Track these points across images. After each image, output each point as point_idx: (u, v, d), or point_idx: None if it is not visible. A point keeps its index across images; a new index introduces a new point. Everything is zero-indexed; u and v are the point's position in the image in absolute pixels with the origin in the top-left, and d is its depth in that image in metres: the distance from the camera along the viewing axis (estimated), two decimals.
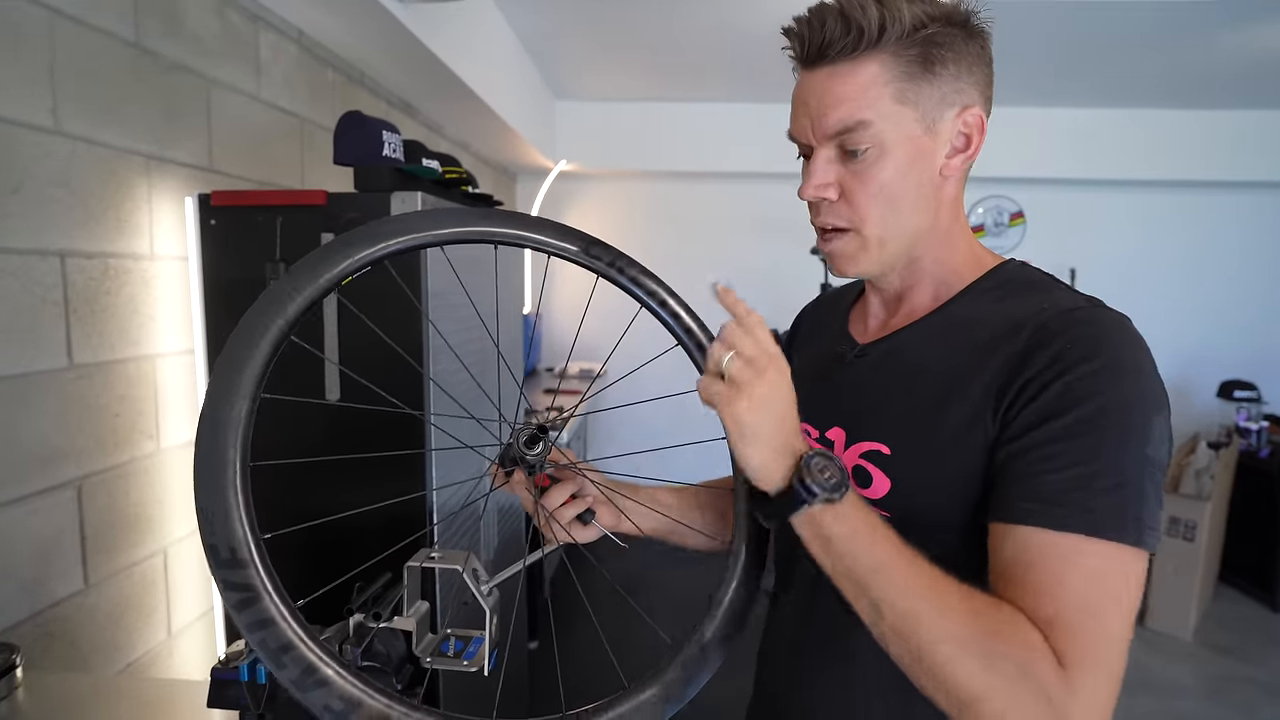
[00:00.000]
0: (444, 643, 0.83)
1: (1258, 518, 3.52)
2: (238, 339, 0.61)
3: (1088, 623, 0.54)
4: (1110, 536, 0.56)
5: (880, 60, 0.64)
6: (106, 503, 1.30)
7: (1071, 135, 4.01)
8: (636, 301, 0.75)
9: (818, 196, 0.69)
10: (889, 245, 0.70)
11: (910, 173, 0.67)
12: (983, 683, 0.53)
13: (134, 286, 1.36)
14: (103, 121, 1.28)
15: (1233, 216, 4.31)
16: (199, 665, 1.55)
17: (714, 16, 2.72)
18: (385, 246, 0.66)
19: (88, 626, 1.27)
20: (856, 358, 0.76)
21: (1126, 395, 0.58)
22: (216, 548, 0.56)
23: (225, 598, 0.56)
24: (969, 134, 0.68)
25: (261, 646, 0.56)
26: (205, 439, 0.58)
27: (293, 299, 0.62)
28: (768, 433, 0.58)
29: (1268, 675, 2.94)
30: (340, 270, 0.64)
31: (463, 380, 1.49)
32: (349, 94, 2.23)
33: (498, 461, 0.77)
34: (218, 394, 0.59)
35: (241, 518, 0.57)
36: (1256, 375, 4.10)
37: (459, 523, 1.56)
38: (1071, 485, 0.57)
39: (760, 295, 4.95)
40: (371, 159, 1.39)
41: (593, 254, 0.72)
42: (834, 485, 0.58)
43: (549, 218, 0.75)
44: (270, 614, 0.56)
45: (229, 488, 0.57)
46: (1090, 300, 0.65)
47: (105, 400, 1.30)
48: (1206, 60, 3.10)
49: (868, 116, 0.64)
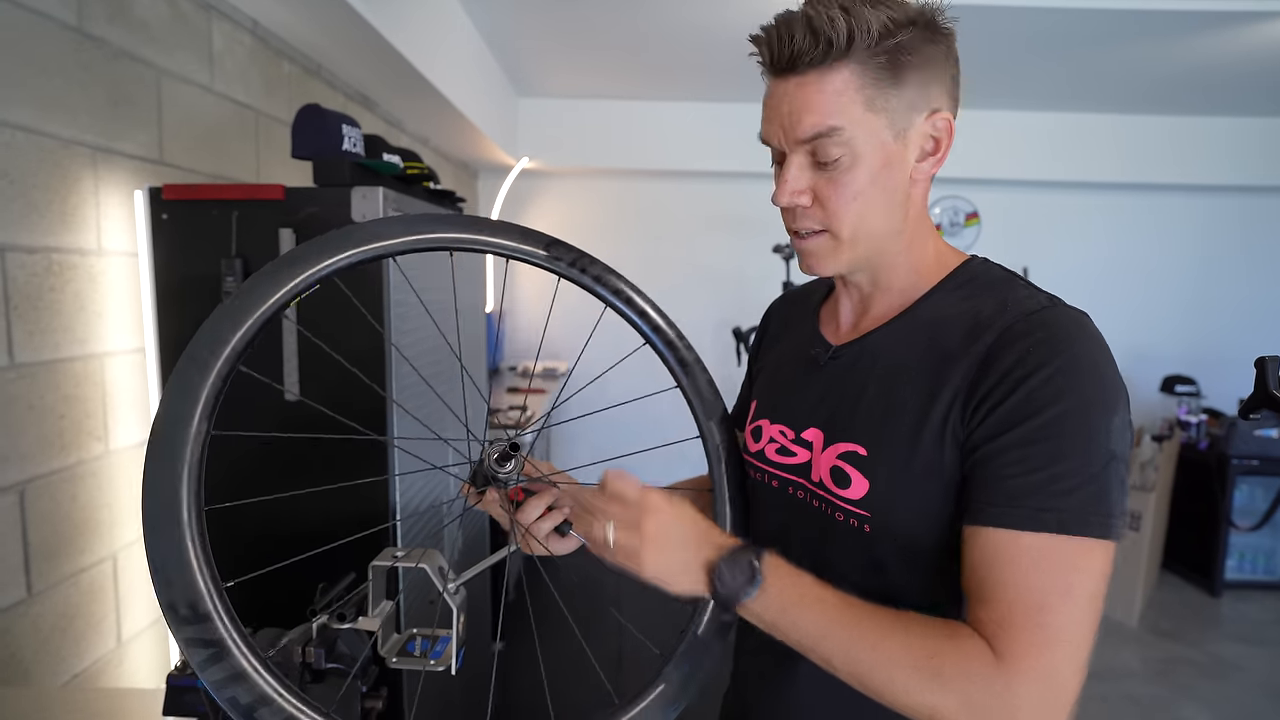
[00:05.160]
0: (410, 642, 0.82)
1: (1197, 507, 3.67)
2: (184, 370, 0.58)
3: (1033, 617, 0.57)
4: (1071, 532, 0.58)
5: (849, 69, 0.64)
6: (51, 507, 1.25)
7: (1025, 138, 4.13)
8: (601, 301, 0.75)
9: (792, 203, 0.70)
10: (860, 246, 0.71)
11: (881, 178, 0.68)
12: (933, 699, 0.58)
13: (80, 283, 1.31)
14: (45, 110, 1.22)
15: (1173, 218, 4.49)
16: (151, 673, 1.50)
17: (676, 16, 2.73)
18: (335, 261, 0.64)
19: (30, 637, 1.22)
20: (831, 359, 0.77)
21: (1087, 396, 0.60)
22: (175, 604, 0.53)
23: (190, 655, 0.53)
24: (938, 138, 0.69)
25: (233, 705, 0.53)
26: (154, 481, 0.54)
27: (240, 324, 0.60)
28: (678, 563, 0.66)
29: (1205, 657, 3.08)
30: (291, 288, 0.62)
31: (427, 391, 1.47)
32: (305, 86, 2.18)
33: (469, 481, 0.76)
34: (165, 431, 0.55)
35: (201, 567, 0.53)
36: (1196, 370, 4.28)
37: (423, 521, 1.54)
38: (1035, 487, 0.59)
39: (723, 292, 4.96)
40: (331, 153, 1.36)
41: (554, 254, 0.71)
42: (745, 582, 0.64)
43: (506, 220, 0.74)
44: (241, 668, 0.53)
45: (184, 537, 0.53)
46: (1050, 299, 0.67)
47: (50, 401, 1.24)
48: (1154, 67, 3.22)
49: (839, 124, 0.65)
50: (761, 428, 0.82)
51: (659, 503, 0.67)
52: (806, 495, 0.75)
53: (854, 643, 0.61)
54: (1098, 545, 0.58)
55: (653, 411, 1.12)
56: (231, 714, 0.53)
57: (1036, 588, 0.58)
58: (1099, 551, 0.59)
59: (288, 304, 0.62)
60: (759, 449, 0.81)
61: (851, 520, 0.70)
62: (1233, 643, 3.20)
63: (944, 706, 0.57)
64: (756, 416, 0.84)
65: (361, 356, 1.33)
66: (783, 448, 0.78)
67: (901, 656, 0.59)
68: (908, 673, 0.59)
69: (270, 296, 0.61)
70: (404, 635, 0.84)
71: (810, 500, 0.75)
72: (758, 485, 0.82)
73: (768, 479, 0.80)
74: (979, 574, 0.61)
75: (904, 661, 0.59)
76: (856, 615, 0.62)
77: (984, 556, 0.60)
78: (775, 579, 0.64)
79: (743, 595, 0.63)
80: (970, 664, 0.58)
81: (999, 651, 0.57)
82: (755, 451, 0.82)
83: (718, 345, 4.07)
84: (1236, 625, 3.39)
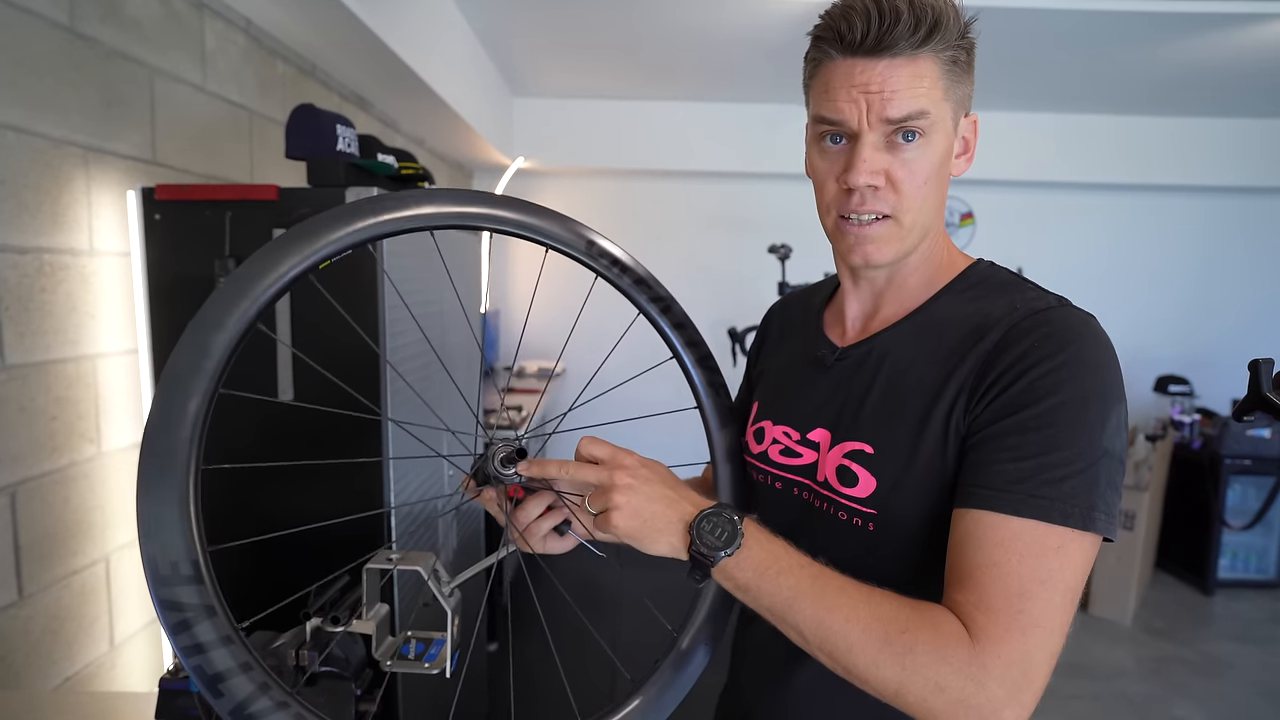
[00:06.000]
0: (404, 645, 0.81)
1: (1191, 506, 3.69)
2: (200, 325, 0.56)
3: (1019, 604, 0.57)
4: (1055, 521, 0.58)
5: (937, 56, 0.66)
6: (43, 510, 1.24)
7: (1020, 138, 4.14)
8: (636, 309, 0.73)
9: (871, 183, 0.68)
10: (914, 235, 0.71)
11: (943, 168, 0.70)
12: (899, 676, 0.57)
13: (72, 283, 1.30)
14: (36, 110, 1.22)
15: (1168, 219, 4.50)
16: (144, 677, 1.49)
17: (671, 16, 2.73)
18: (386, 222, 0.61)
19: (21, 641, 1.21)
20: (838, 360, 0.77)
21: (1086, 390, 0.61)
22: (157, 561, 0.51)
23: (162, 617, 0.50)
24: (969, 138, 0.72)
25: (199, 673, 0.50)
26: (156, 435, 0.52)
27: (263, 284, 0.57)
28: (657, 520, 0.64)
29: (1198, 655, 3.09)
30: (333, 242, 0.59)
31: (428, 385, 1.46)
32: (300, 86, 2.17)
33: (470, 474, 0.75)
34: (172, 389, 0.54)
35: (191, 527, 0.51)
36: (1189, 370, 4.30)
37: (418, 523, 1.53)
38: (1025, 474, 0.60)
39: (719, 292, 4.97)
40: (325, 153, 1.36)
41: (593, 254, 0.69)
42: (726, 540, 0.62)
43: (552, 209, 0.72)
44: (211, 637, 0.50)
45: (177, 490, 0.52)
46: (1059, 299, 0.68)
47: (41, 402, 1.24)
48: (1154, 68, 3.23)
49: (929, 107, 0.66)
50: (764, 429, 0.82)
51: (633, 460, 0.67)
52: (811, 496, 0.75)
53: (827, 611, 0.60)
54: (1081, 537, 0.59)
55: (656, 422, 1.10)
56: (199, 684, 0.51)
57: (1016, 573, 0.58)
58: (1082, 543, 0.59)
59: (324, 262, 0.59)
60: (761, 450, 0.81)
61: (855, 519, 0.70)
62: (1225, 641, 3.21)
63: (912, 685, 0.57)
64: (759, 418, 0.84)
65: (356, 355, 1.32)
66: (787, 449, 0.78)
67: (874, 628, 0.58)
68: (878, 646, 0.58)
69: (304, 253, 0.58)
70: (399, 638, 0.83)
71: (814, 501, 0.75)
72: (760, 487, 0.82)
73: (771, 480, 0.80)
74: (961, 555, 0.61)
75: (875, 633, 0.58)
76: (833, 585, 0.61)
77: (967, 538, 0.61)
78: (754, 540, 0.64)
79: (721, 554, 0.62)
80: (945, 644, 0.57)
81: (974, 633, 0.57)
82: (758, 453, 0.82)
83: (713, 345, 4.06)
84: (1229, 624, 3.40)
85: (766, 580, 0.62)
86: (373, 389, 1.32)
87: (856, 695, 0.61)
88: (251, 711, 0.51)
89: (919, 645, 0.57)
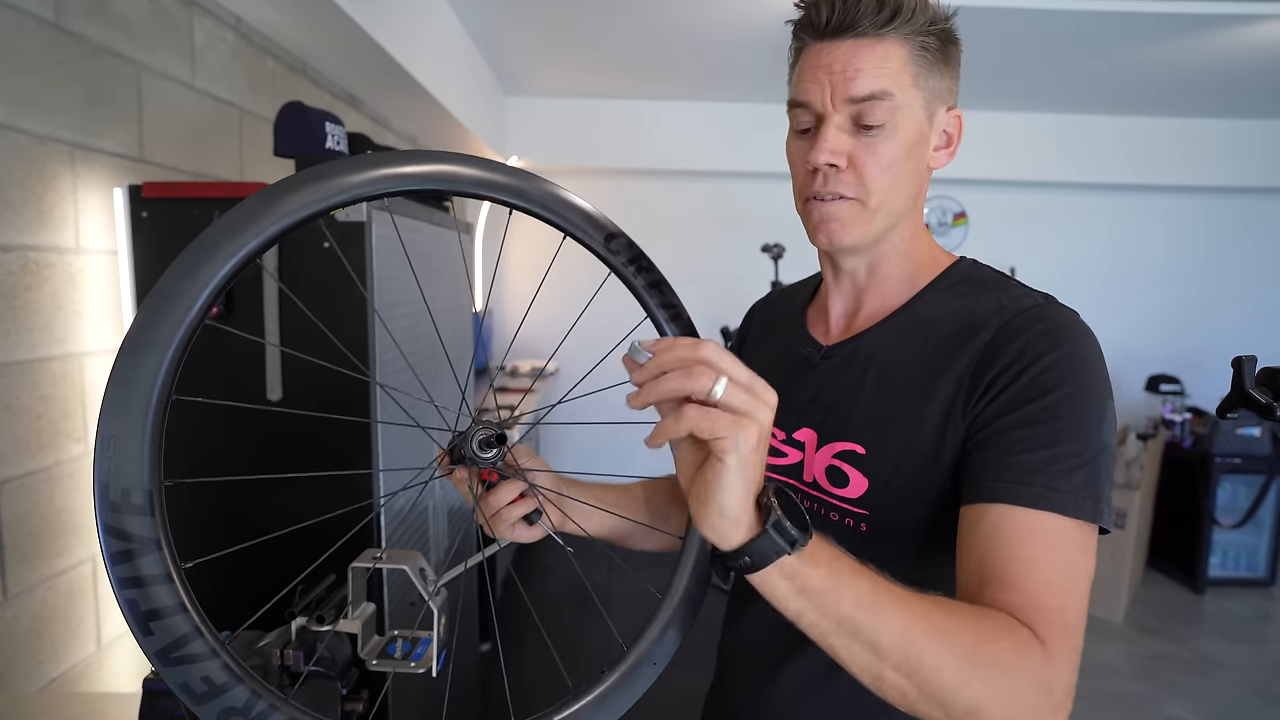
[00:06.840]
0: (391, 644, 0.81)
1: (1182, 505, 3.71)
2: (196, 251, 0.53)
3: (1063, 601, 0.56)
4: (1076, 515, 0.58)
5: (903, 41, 0.66)
6: (28, 509, 1.23)
7: (1011, 139, 4.16)
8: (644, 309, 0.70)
9: (830, 161, 0.68)
10: (880, 220, 0.70)
11: (912, 154, 0.69)
12: (981, 693, 0.51)
13: (58, 281, 1.29)
14: (20, 107, 1.21)
15: (1159, 218, 4.53)
16: (131, 678, 1.48)
17: (664, 16, 2.73)
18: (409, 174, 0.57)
19: (6, 642, 1.20)
20: (823, 359, 0.77)
21: (1084, 384, 0.62)
22: (108, 486, 0.48)
23: (105, 544, 0.48)
24: (951, 133, 0.72)
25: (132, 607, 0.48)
26: (128, 355, 0.49)
27: (267, 217, 0.54)
28: (756, 473, 0.49)
29: (1189, 654, 3.11)
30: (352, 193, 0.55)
31: (420, 370, 1.46)
32: (290, 84, 2.16)
33: (446, 450, 0.74)
34: (156, 309, 0.51)
35: (151, 456, 0.49)
36: (1180, 370, 4.32)
37: (407, 522, 1.52)
38: (1040, 465, 0.59)
39: (712, 292, 4.99)
40: (314, 151, 1.35)
41: (611, 249, 0.67)
42: (805, 524, 0.50)
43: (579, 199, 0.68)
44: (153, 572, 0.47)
45: (144, 414, 0.49)
46: (1045, 297, 0.68)
47: (26, 401, 1.23)
48: (1154, 69, 3.24)
49: (892, 89, 0.66)
50: None
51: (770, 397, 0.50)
52: (798, 496, 0.75)
53: (911, 621, 0.51)
54: (1091, 530, 0.59)
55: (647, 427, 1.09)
56: (130, 620, 0.48)
57: (1056, 569, 0.57)
58: (1093, 536, 0.60)
59: (332, 209, 0.56)
60: None
61: (847, 520, 0.70)
62: (1216, 639, 3.23)
63: (991, 701, 0.51)
64: None
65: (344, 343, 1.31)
66: (772, 449, 0.78)
67: (958, 639, 0.51)
68: (964, 661, 0.51)
69: (313, 201, 0.55)
70: (385, 637, 0.83)
71: (801, 501, 0.74)
72: None
73: None
74: (992, 553, 0.58)
75: (961, 645, 0.51)
76: (901, 590, 0.53)
77: (996, 534, 0.58)
78: (819, 535, 0.53)
79: (802, 539, 0.50)
80: (1025, 653, 0.53)
81: (1041, 634, 0.54)
82: None
83: None
84: (1220, 622, 3.42)
85: (839, 581, 0.51)
86: (361, 354, 1.31)
87: (847, 693, 0.60)
88: (185, 653, 0.49)
89: (1002, 658, 0.52)
